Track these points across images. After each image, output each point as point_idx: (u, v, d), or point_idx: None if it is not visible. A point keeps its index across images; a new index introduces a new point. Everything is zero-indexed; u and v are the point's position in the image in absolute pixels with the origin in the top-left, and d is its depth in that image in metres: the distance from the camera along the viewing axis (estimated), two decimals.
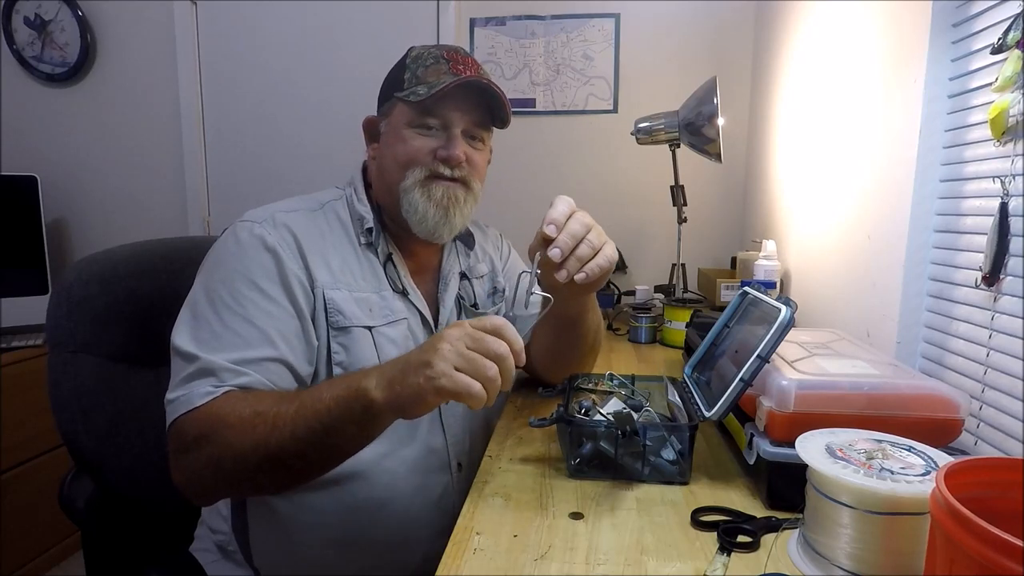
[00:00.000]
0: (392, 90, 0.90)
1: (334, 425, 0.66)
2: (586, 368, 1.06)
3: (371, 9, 2.14)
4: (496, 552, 0.60)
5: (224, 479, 0.72)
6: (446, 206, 0.88)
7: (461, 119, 0.89)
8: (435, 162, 0.88)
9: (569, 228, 0.74)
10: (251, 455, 0.68)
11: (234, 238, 0.82)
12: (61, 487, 0.90)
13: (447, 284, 0.98)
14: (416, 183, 0.88)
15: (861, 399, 0.69)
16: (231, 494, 0.84)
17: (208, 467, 0.71)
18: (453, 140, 0.88)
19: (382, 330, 0.87)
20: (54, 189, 2.28)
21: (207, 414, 0.71)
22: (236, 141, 2.31)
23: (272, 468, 0.69)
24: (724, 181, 2.09)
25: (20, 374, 1.82)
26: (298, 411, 0.67)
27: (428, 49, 0.91)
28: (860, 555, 0.54)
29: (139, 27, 2.25)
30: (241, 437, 0.68)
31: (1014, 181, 0.76)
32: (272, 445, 0.67)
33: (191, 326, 0.77)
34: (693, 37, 2.07)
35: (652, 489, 0.74)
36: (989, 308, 0.80)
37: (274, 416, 0.68)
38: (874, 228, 1.08)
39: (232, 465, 0.69)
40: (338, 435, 0.67)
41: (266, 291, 0.79)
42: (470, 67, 0.90)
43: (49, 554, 1.92)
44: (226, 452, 0.69)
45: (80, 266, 0.95)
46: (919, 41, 0.93)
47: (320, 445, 0.68)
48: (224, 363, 0.74)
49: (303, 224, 0.86)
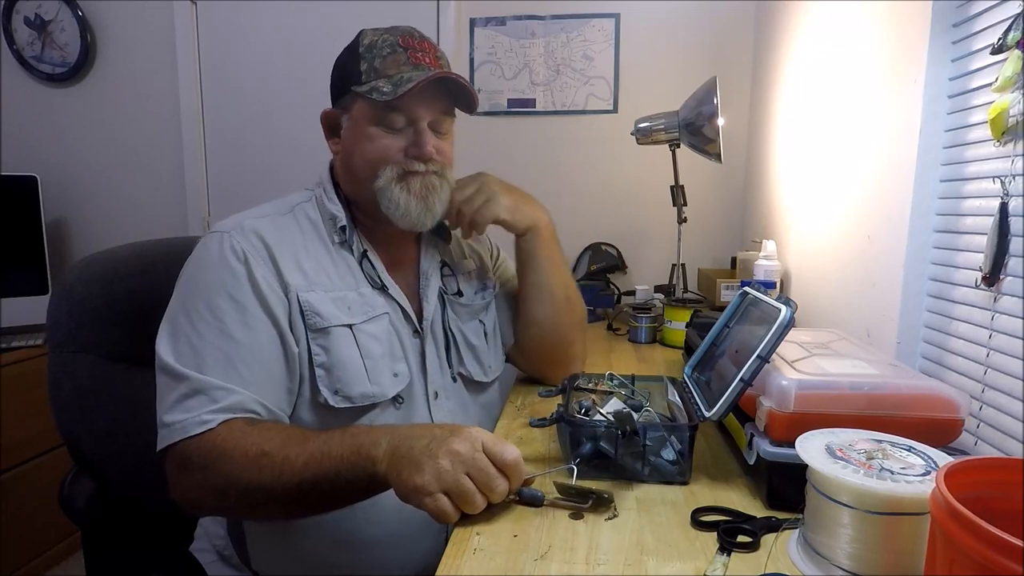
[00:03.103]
0: (349, 82, 0.87)
1: (340, 485, 0.68)
2: (574, 336, 1.08)
3: (371, 9, 2.14)
4: (496, 552, 0.60)
5: (226, 506, 0.74)
6: (425, 196, 0.89)
7: (427, 112, 0.88)
8: (406, 160, 0.88)
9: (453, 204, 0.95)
10: (256, 494, 0.70)
11: (205, 250, 0.83)
12: (61, 487, 0.90)
13: (428, 279, 0.97)
14: (390, 181, 0.87)
15: (861, 399, 0.69)
16: (230, 516, 0.88)
17: (210, 495, 0.73)
18: (422, 136, 0.88)
19: (363, 327, 0.86)
20: (54, 189, 2.28)
21: (211, 445, 0.72)
22: (236, 141, 2.31)
23: (275, 507, 0.72)
24: (724, 181, 2.09)
25: (20, 374, 1.82)
26: (306, 464, 0.69)
27: (381, 35, 0.88)
28: (860, 555, 0.54)
29: (139, 27, 2.25)
30: (246, 475, 0.70)
31: (1014, 181, 0.76)
32: (278, 490, 0.69)
33: (172, 341, 0.78)
34: (693, 37, 2.07)
35: (652, 489, 0.74)
36: (989, 308, 0.80)
37: (281, 461, 0.69)
38: (874, 228, 1.08)
39: (237, 497, 0.71)
40: (343, 492, 0.70)
41: (241, 303, 0.79)
42: (428, 53, 0.88)
43: (49, 554, 1.92)
44: (231, 486, 0.71)
45: (80, 266, 0.95)
46: (919, 41, 0.93)
47: (325, 498, 0.71)
48: (212, 381, 0.75)
49: (272, 229, 0.85)
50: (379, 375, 0.85)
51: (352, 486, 0.68)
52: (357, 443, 0.68)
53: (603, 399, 0.93)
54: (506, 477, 0.65)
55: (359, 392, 0.83)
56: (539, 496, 0.70)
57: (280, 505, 0.71)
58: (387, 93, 0.83)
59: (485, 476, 0.63)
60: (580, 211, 2.15)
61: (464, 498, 0.62)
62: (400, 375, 0.88)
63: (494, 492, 0.64)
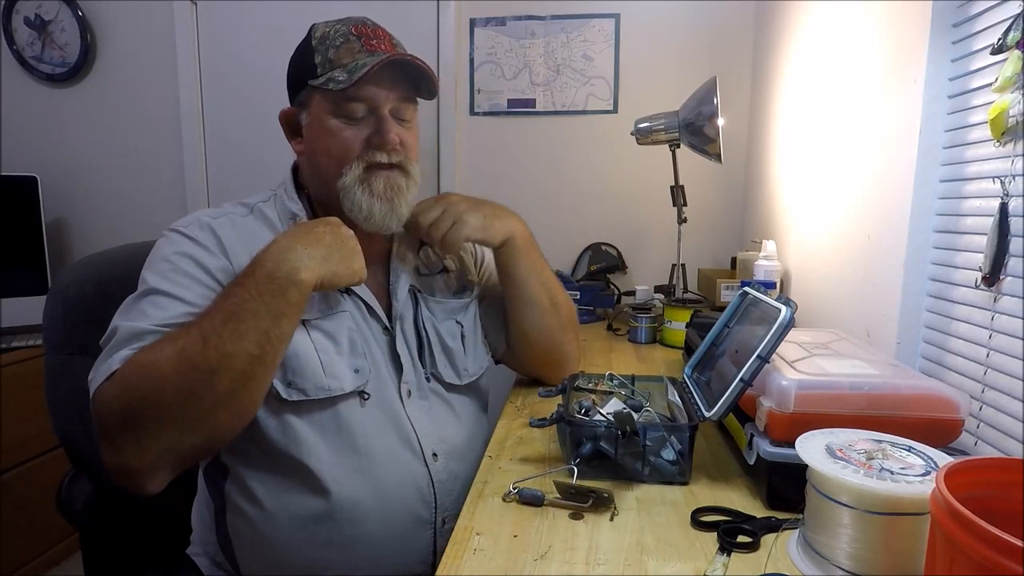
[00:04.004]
0: (305, 76, 0.86)
1: (246, 307, 0.71)
2: (565, 337, 1.07)
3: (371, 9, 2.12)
4: (496, 552, 0.60)
5: (165, 431, 0.69)
6: (390, 198, 0.87)
7: (387, 98, 0.86)
8: (369, 151, 0.86)
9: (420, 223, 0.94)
10: (189, 376, 0.68)
11: (160, 241, 0.83)
12: (59, 489, 0.90)
13: (399, 275, 0.95)
14: (355, 180, 0.86)
15: (861, 399, 0.69)
16: (177, 455, 0.72)
17: (144, 423, 0.68)
18: (384, 123, 0.86)
19: (317, 323, 0.84)
20: (54, 189, 2.28)
21: (130, 368, 0.69)
22: (236, 141, 2.31)
23: (216, 385, 0.69)
24: (724, 181, 2.09)
25: (20, 374, 1.81)
26: (211, 313, 0.71)
27: (333, 26, 0.87)
28: (860, 555, 0.54)
29: (139, 27, 2.25)
30: (173, 367, 0.67)
31: (1014, 181, 0.75)
32: (211, 359, 0.68)
33: (118, 314, 0.77)
34: (693, 37, 2.06)
35: (652, 489, 0.74)
36: (989, 308, 0.80)
37: (198, 330, 0.69)
38: (874, 228, 1.08)
39: (175, 402, 0.68)
40: (252, 316, 0.71)
41: (187, 270, 0.79)
42: (383, 40, 0.87)
43: (49, 554, 1.92)
44: (162, 395, 0.67)
45: (76, 268, 0.94)
46: (919, 41, 0.93)
47: (247, 332, 0.70)
48: (147, 326, 0.73)
49: (228, 226, 0.85)
50: (335, 369, 0.83)
51: (255, 300, 0.71)
52: (238, 283, 0.73)
53: (603, 399, 0.93)
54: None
55: (313, 384, 0.81)
56: (539, 496, 0.70)
57: (218, 399, 0.69)
58: (343, 81, 0.82)
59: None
60: (580, 211, 2.15)
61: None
62: (361, 371, 0.85)
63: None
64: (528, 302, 1.02)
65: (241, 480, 0.83)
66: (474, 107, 2.12)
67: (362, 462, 0.83)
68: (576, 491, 0.69)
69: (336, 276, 0.79)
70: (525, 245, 1.00)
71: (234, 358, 0.70)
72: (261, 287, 0.72)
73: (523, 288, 1.01)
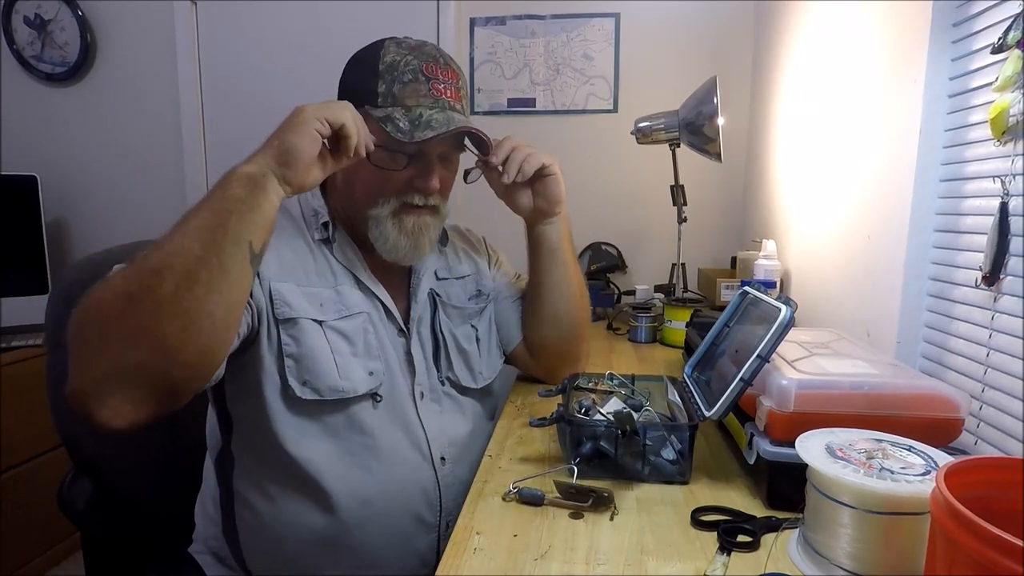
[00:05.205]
0: (363, 98, 0.85)
1: (193, 212, 0.70)
2: (585, 332, 1.08)
3: (371, 9, 2.14)
4: (496, 552, 0.60)
5: (108, 344, 0.63)
6: (416, 236, 0.88)
7: (439, 146, 0.87)
8: (409, 192, 0.87)
9: (503, 147, 0.96)
10: (133, 279, 0.64)
11: None
12: (60, 489, 0.90)
13: (420, 279, 0.96)
14: (388, 214, 0.86)
15: (861, 399, 0.69)
16: (125, 376, 0.64)
17: (87, 337, 0.63)
18: (429, 171, 0.87)
19: (334, 324, 0.84)
20: (54, 189, 2.28)
21: (101, 285, 0.65)
22: (236, 141, 2.30)
23: (157, 288, 0.63)
24: (724, 181, 2.09)
25: (20, 374, 1.81)
26: (185, 220, 0.69)
27: (405, 56, 0.85)
28: (860, 555, 0.54)
29: (139, 27, 2.25)
30: (121, 275, 0.65)
31: (1014, 181, 0.76)
32: (153, 260, 0.65)
33: None
34: (693, 37, 2.06)
35: (652, 489, 0.74)
36: (989, 308, 0.80)
37: (166, 239, 0.67)
38: (874, 228, 1.08)
39: (115, 310, 0.63)
40: (195, 217, 0.70)
41: None
42: (450, 84, 0.88)
43: (49, 554, 1.92)
44: (103, 304, 0.63)
45: (77, 267, 0.94)
46: (919, 41, 0.93)
47: (189, 232, 0.68)
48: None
49: None
50: (350, 371, 0.83)
51: (228, 201, 0.72)
52: (223, 184, 0.75)
53: (603, 399, 0.93)
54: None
55: (327, 385, 0.81)
56: (539, 496, 0.70)
57: (160, 302, 0.62)
58: (403, 132, 0.82)
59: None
60: (580, 211, 2.15)
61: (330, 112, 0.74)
62: (375, 373, 0.86)
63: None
64: (565, 285, 1.03)
65: (250, 473, 0.84)
66: (474, 106, 2.13)
67: (371, 463, 0.84)
68: (576, 491, 0.69)
69: (287, 155, 0.78)
70: (567, 222, 1.05)
71: (176, 256, 0.65)
72: (209, 193, 0.73)
73: (561, 271, 1.03)
